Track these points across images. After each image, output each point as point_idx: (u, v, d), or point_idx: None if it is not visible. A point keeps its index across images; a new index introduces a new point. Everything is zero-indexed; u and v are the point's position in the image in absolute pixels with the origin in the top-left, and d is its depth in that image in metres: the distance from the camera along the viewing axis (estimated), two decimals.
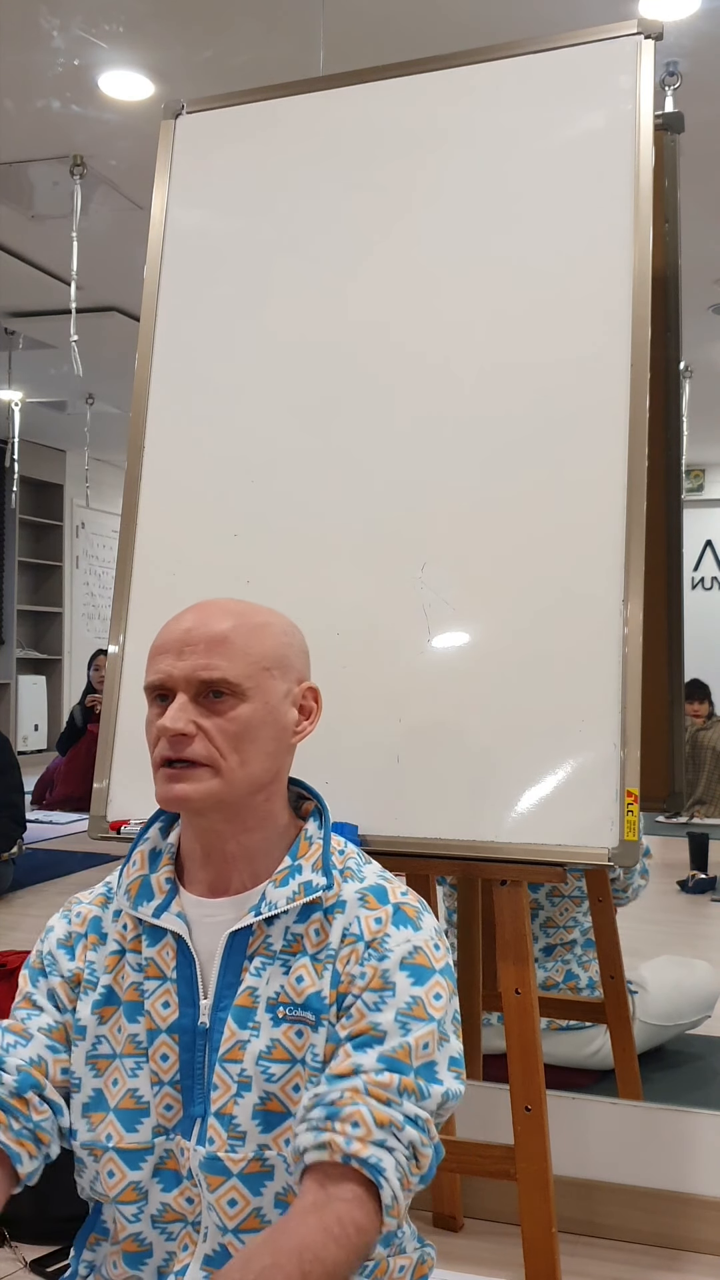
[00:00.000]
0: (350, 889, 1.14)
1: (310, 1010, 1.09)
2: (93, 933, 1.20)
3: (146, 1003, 1.14)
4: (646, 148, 1.63)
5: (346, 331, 1.73)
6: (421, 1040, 1.06)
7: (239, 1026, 1.10)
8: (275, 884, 1.13)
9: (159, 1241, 1.13)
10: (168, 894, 1.16)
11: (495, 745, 1.53)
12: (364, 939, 1.10)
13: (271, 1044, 1.10)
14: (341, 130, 1.81)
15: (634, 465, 1.55)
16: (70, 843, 5.37)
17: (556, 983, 2.45)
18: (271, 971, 1.12)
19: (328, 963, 1.11)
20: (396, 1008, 1.07)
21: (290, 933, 1.12)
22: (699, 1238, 1.98)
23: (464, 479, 1.63)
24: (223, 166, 1.87)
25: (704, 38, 3.02)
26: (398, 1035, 1.06)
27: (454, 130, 1.74)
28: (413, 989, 1.08)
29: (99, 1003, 1.16)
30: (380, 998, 1.07)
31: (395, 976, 1.08)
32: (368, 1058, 1.05)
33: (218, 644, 1.11)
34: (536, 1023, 1.52)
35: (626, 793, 1.46)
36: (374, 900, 1.13)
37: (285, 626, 1.18)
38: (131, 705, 1.71)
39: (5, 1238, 1.97)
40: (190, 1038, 1.12)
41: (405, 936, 1.10)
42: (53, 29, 3.12)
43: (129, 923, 1.18)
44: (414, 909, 1.13)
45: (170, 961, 1.14)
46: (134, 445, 1.81)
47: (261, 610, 1.17)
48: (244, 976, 1.12)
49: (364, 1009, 1.07)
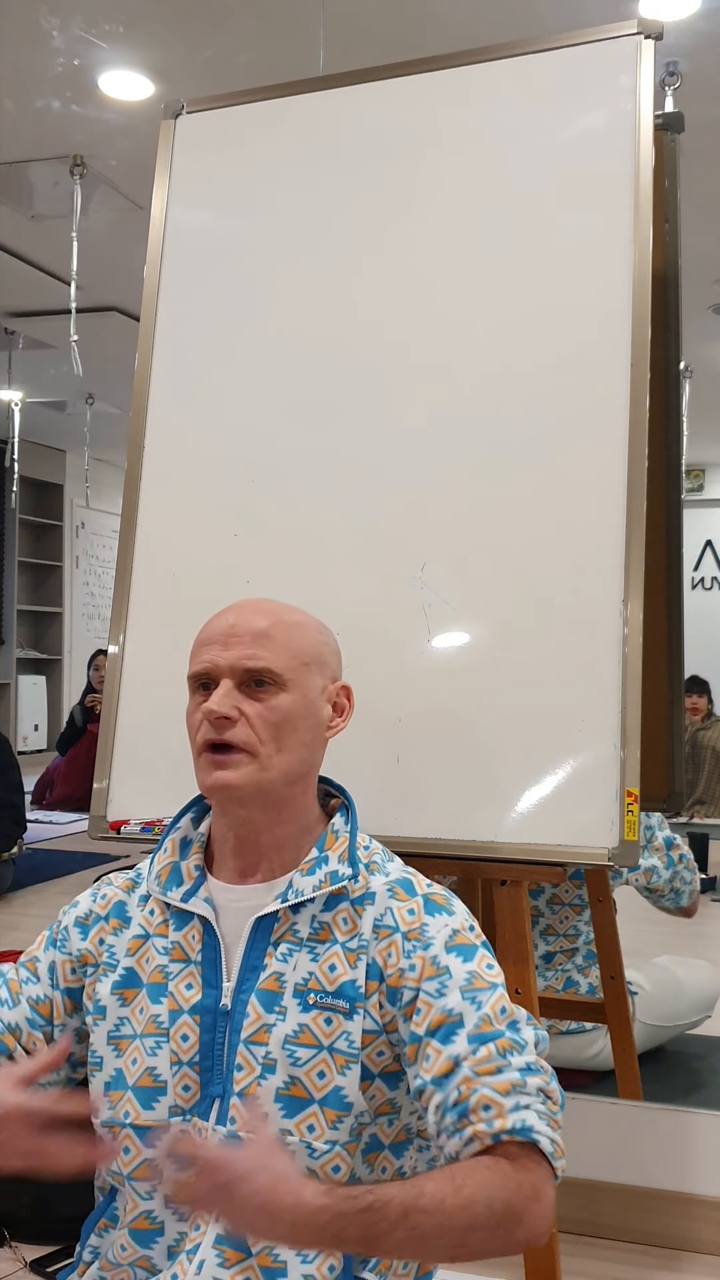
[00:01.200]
0: (379, 881, 1.19)
1: (343, 998, 1.13)
2: (115, 916, 1.24)
3: (170, 984, 1.18)
4: (646, 148, 1.63)
5: (347, 331, 1.73)
6: (497, 1006, 1.10)
7: (265, 1010, 1.14)
8: (302, 873, 1.18)
9: (170, 1220, 1.15)
10: (196, 880, 1.21)
11: (495, 745, 1.53)
12: (400, 930, 1.15)
13: (299, 1028, 1.13)
14: (342, 130, 1.81)
15: (634, 465, 1.55)
16: (70, 843, 5.38)
17: (556, 990, 2.45)
18: (298, 958, 1.15)
19: (361, 953, 1.15)
20: (459, 987, 1.11)
21: (317, 920, 1.17)
22: (699, 1238, 1.98)
23: (464, 479, 1.63)
24: (223, 166, 1.87)
25: (704, 37, 3.02)
26: (473, 1012, 1.09)
27: (454, 130, 1.74)
28: (465, 965, 1.12)
29: (119, 984, 1.20)
30: (440, 984, 1.11)
31: (445, 960, 1.12)
32: (458, 1046, 1.08)
33: (261, 637, 1.18)
34: (536, 1021, 1.52)
35: (626, 793, 1.46)
36: (403, 893, 1.18)
37: (319, 626, 1.25)
38: (131, 705, 1.71)
39: (5, 1238, 1.97)
40: (212, 1019, 1.15)
41: (442, 922, 1.15)
42: (53, 29, 3.12)
43: (156, 908, 1.22)
44: (442, 897, 1.18)
45: (196, 945, 1.18)
46: (134, 445, 1.81)
47: (296, 610, 1.24)
48: (269, 961, 1.15)
49: (429, 999, 1.11)
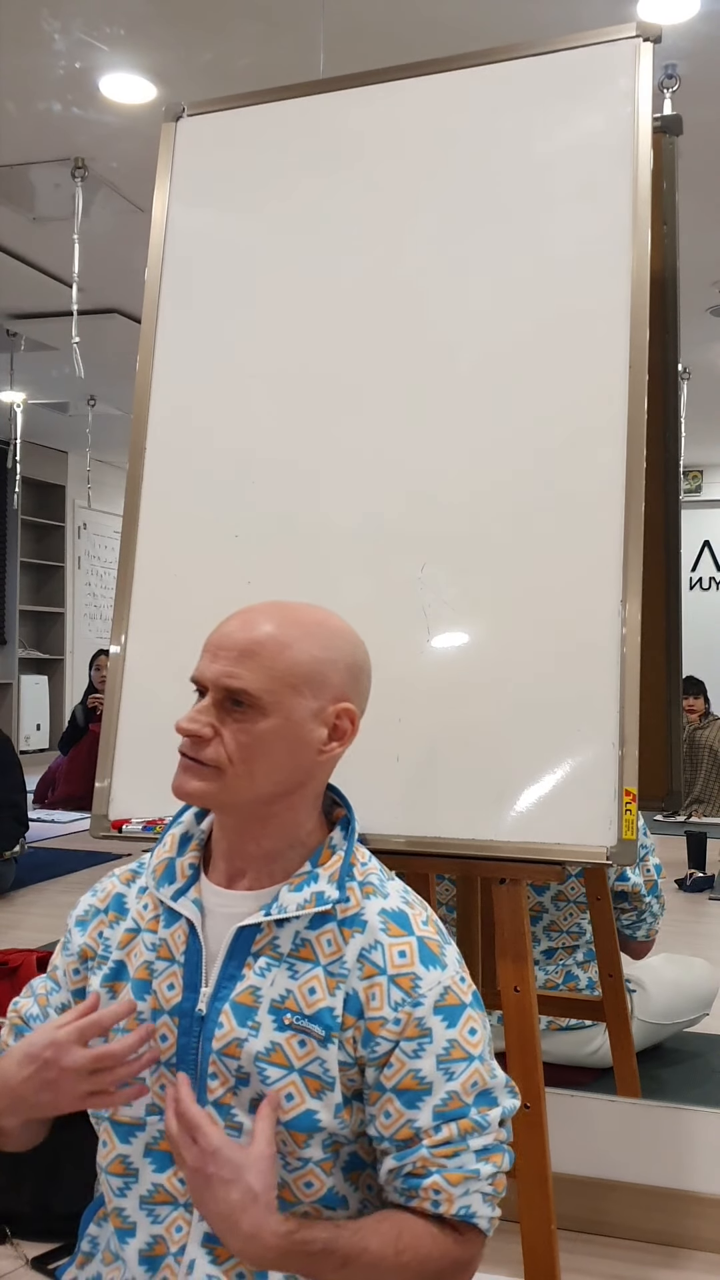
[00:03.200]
0: (372, 908, 1.15)
1: (320, 1024, 1.11)
2: (113, 909, 1.23)
3: (154, 982, 1.17)
4: (645, 150, 1.64)
5: (346, 333, 1.74)
6: (469, 1081, 1.10)
7: (238, 1023, 1.12)
8: (290, 888, 1.14)
9: (144, 1223, 1.14)
10: (189, 879, 1.19)
11: (494, 745, 1.54)
12: (387, 972, 1.11)
13: (271, 1046, 1.11)
14: (342, 133, 1.81)
15: (632, 466, 1.55)
16: (72, 842, 5.38)
17: (556, 984, 2.46)
18: (277, 973, 1.13)
19: (341, 980, 1.12)
20: (435, 1054, 1.09)
21: (300, 937, 1.14)
22: (698, 1235, 1.98)
23: (463, 479, 1.63)
24: (224, 169, 1.88)
25: (702, 40, 3.03)
26: (443, 1083, 1.09)
27: (453, 132, 1.75)
28: (447, 1032, 1.10)
29: (109, 976, 1.20)
30: (419, 1045, 1.09)
31: (430, 1022, 1.10)
32: (421, 1117, 1.09)
33: (247, 654, 1.11)
34: (535, 1021, 1.53)
35: (625, 791, 1.47)
36: (396, 928, 1.14)
37: (330, 640, 1.16)
38: (133, 705, 1.72)
39: (6, 1235, 1.98)
40: (189, 1022, 1.14)
41: (435, 979, 1.11)
42: (54, 32, 3.13)
43: (150, 902, 1.21)
44: (436, 943, 1.14)
45: (181, 945, 1.17)
46: (135, 446, 1.82)
47: (307, 619, 1.16)
48: (247, 973, 1.13)
49: (403, 1058, 1.10)
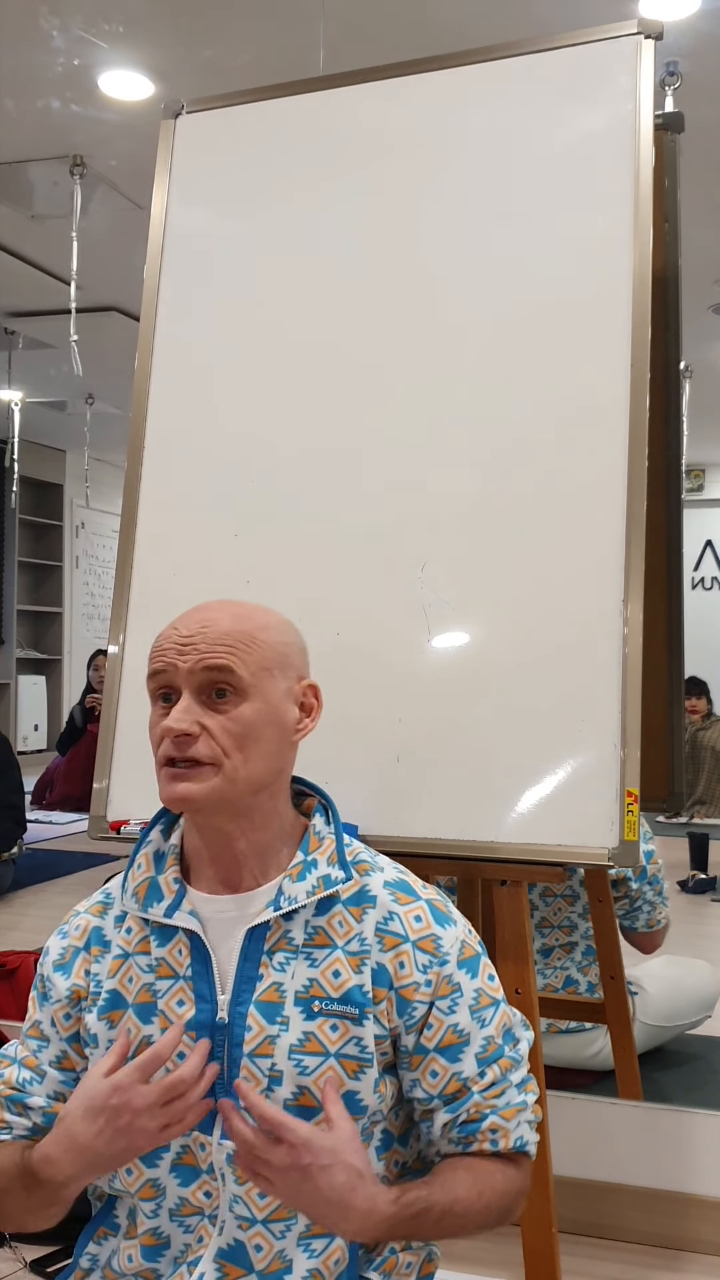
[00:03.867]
0: (375, 881, 1.17)
1: (352, 1004, 1.12)
2: (95, 944, 1.20)
3: (160, 1002, 1.14)
4: (646, 148, 1.63)
5: (346, 331, 1.73)
6: (500, 1023, 1.18)
7: (267, 1021, 1.11)
8: (292, 879, 1.14)
9: (177, 1234, 1.15)
10: (177, 893, 1.17)
11: (495, 745, 1.53)
12: (410, 939, 1.14)
13: (304, 1037, 1.11)
14: (342, 130, 1.81)
15: (634, 465, 1.55)
16: (70, 843, 5.38)
17: (556, 988, 2.45)
18: (296, 965, 1.13)
19: (364, 957, 1.13)
20: (468, 1005, 1.15)
21: (311, 926, 1.14)
22: (699, 1238, 1.98)
23: (464, 479, 1.62)
24: (223, 166, 1.87)
25: (704, 38, 3.02)
26: (478, 1031, 1.15)
27: (454, 130, 1.74)
28: (473, 983, 1.16)
29: (104, 1008, 1.17)
30: (452, 1001, 1.14)
31: (458, 977, 1.15)
32: (465, 1066, 1.15)
33: (219, 643, 1.12)
34: (536, 1022, 1.52)
35: (626, 793, 1.46)
36: (404, 896, 1.17)
37: (282, 625, 1.19)
38: (131, 705, 1.71)
39: (5, 1238, 1.97)
40: (208, 1034, 1.12)
41: (454, 935, 1.17)
42: (53, 29, 3.12)
43: (134, 925, 1.18)
44: (441, 902, 1.20)
45: (184, 960, 1.14)
46: (134, 445, 1.81)
47: (259, 610, 1.18)
48: (265, 971, 1.13)
49: (440, 1015, 1.14)
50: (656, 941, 2.56)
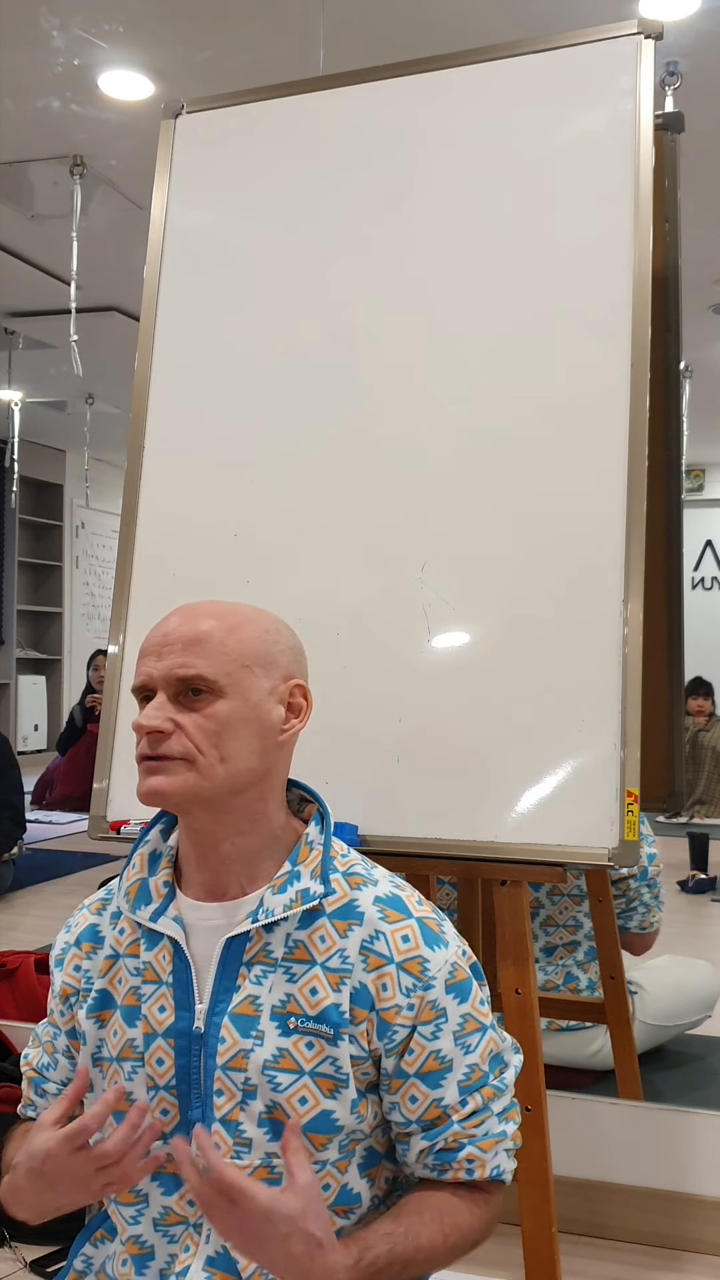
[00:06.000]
0: (365, 897, 1.14)
1: (327, 1024, 1.09)
2: (87, 940, 1.21)
3: (143, 1007, 1.14)
4: (646, 147, 1.63)
5: (347, 331, 1.73)
6: (485, 1050, 1.14)
7: (241, 1035, 1.10)
8: (273, 890, 1.13)
9: (160, 1244, 1.14)
10: (165, 897, 1.16)
11: (495, 745, 1.53)
12: (394, 960, 1.11)
13: (279, 1053, 1.09)
14: (342, 130, 1.81)
15: (634, 465, 1.55)
16: (70, 843, 5.38)
17: (556, 985, 2.45)
18: (274, 979, 1.11)
19: (344, 975, 1.10)
20: (452, 1032, 1.12)
21: (292, 939, 1.12)
22: (699, 1238, 1.98)
23: (464, 478, 1.62)
24: (223, 166, 1.87)
25: (704, 37, 3.02)
26: (462, 1058, 1.12)
27: (454, 130, 1.74)
28: (460, 1008, 1.13)
29: (94, 1007, 1.17)
30: (435, 1026, 1.11)
31: (444, 1002, 1.12)
32: (446, 1093, 1.12)
33: (195, 643, 1.11)
34: (536, 1023, 1.52)
35: (627, 793, 1.46)
36: (394, 913, 1.13)
37: (269, 624, 1.17)
38: (131, 706, 1.71)
39: (5, 1238, 1.97)
40: (186, 1042, 1.12)
41: (443, 959, 1.12)
42: (52, 29, 3.12)
43: (127, 926, 1.18)
44: (434, 921, 1.15)
45: (167, 966, 1.14)
46: (134, 445, 1.81)
47: (244, 609, 1.17)
48: (243, 983, 1.11)
49: (423, 1041, 1.11)
50: (647, 944, 2.57)
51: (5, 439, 7.53)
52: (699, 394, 6.54)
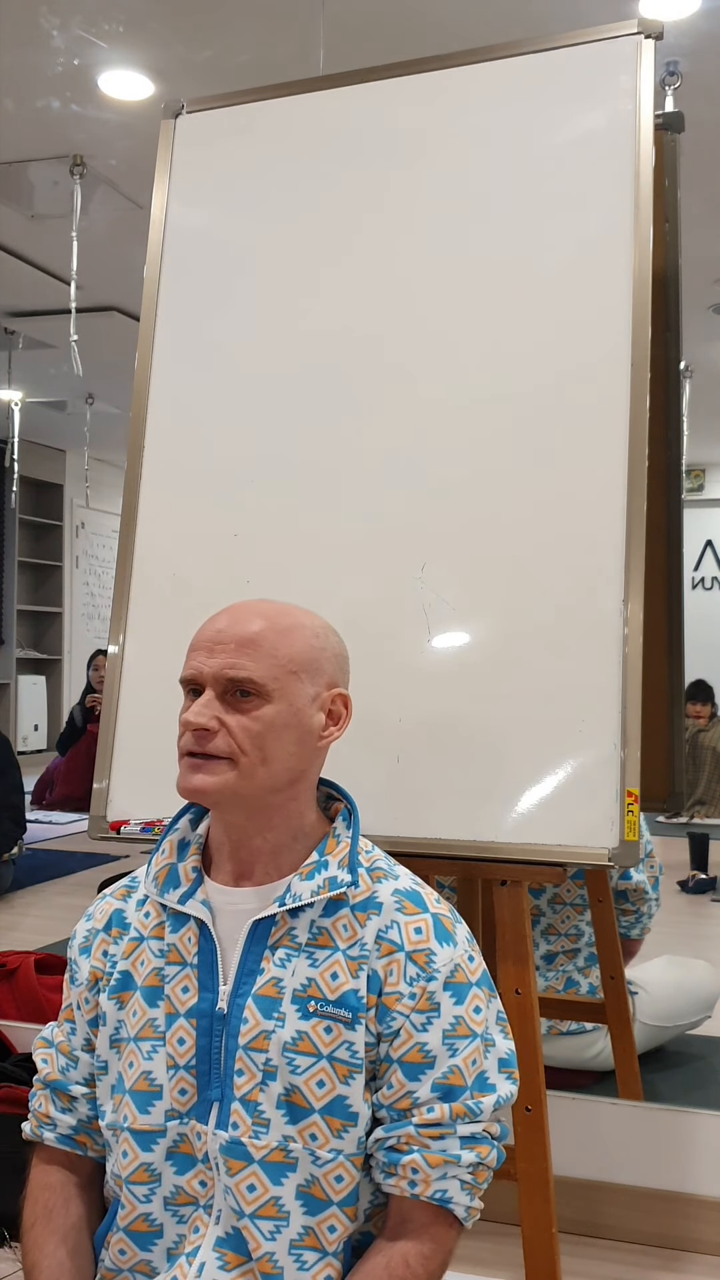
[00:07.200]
0: (385, 889, 1.17)
1: (346, 1008, 1.12)
2: (115, 925, 1.24)
3: (166, 987, 1.17)
4: (647, 147, 1.63)
5: (347, 331, 1.73)
6: (469, 1058, 1.13)
7: (263, 1016, 1.13)
8: (301, 877, 1.16)
9: (170, 1223, 1.15)
10: (194, 882, 1.20)
11: (495, 745, 1.53)
12: (404, 949, 1.14)
13: (298, 1035, 1.12)
14: (343, 130, 1.80)
15: (634, 465, 1.55)
16: (70, 843, 5.37)
17: (557, 990, 2.45)
18: (297, 963, 1.14)
19: (362, 962, 1.14)
20: (441, 1029, 1.13)
21: (316, 925, 1.15)
22: (699, 1238, 1.98)
23: (464, 478, 1.62)
24: (223, 166, 1.87)
25: (704, 37, 3.02)
26: (446, 1058, 1.12)
27: (454, 129, 1.74)
28: (455, 1008, 1.14)
29: (115, 988, 1.20)
30: (427, 1019, 1.13)
31: (440, 997, 1.13)
32: (421, 1089, 1.12)
33: (246, 644, 1.15)
34: (537, 1023, 1.52)
35: (627, 793, 1.46)
36: (411, 906, 1.16)
37: (319, 630, 1.21)
38: (131, 705, 1.71)
39: (6, 1237, 1.97)
40: (208, 1022, 1.14)
41: (449, 955, 1.15)
42: (52, 29, 3.12)
43: (153, 910, 1.21)
44: (449, 920, 1.18)
45: (192, 947, 1.17)
46: (134, 445, 1.81)
47: (295, 612, 1.20)
48: (267, 966, 1.14)
49: (411, 1030, 1.12)
50: (638, 949, 2.59)
51: (5, 439, 7.53)
52: (699, 394, 6.54)
